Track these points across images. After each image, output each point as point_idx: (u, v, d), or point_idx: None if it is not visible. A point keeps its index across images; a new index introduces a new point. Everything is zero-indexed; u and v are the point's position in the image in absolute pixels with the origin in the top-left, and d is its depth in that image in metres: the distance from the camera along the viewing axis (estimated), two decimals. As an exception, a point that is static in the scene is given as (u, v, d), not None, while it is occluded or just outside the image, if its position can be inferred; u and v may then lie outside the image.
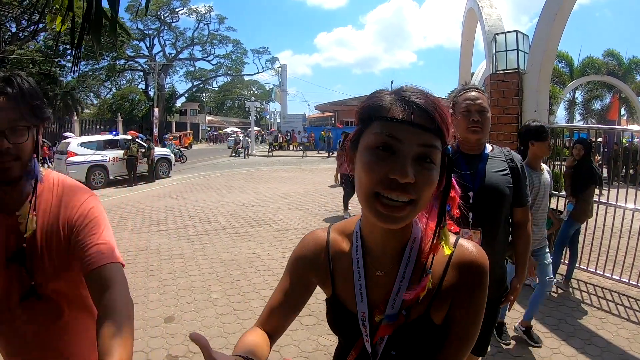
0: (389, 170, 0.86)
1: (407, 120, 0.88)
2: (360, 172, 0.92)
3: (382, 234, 1.03)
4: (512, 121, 6.10)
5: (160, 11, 50.78)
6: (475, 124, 2.26)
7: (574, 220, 5.31)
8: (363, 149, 0.93)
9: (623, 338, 4.18)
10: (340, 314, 1.11)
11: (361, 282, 1.06)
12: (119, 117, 37.28)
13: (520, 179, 2.38)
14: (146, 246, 7.18)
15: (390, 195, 0.87)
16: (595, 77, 23.34)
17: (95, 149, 15.34)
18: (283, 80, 46.12)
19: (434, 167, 0.90)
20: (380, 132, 0.90)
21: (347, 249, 1.13)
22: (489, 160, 2.34)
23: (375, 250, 1.06)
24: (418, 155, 0.88)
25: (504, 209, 2.35)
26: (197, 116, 56.71)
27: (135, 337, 3.84)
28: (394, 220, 0.89)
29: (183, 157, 27.79)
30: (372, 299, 1.05)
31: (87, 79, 46.38)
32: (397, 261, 1.04)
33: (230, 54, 58.60)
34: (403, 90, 0.94)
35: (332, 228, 1.21)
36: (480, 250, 1.05)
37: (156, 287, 5.38)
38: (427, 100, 0.91)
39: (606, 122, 24.87)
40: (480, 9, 7.40)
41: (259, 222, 9.04)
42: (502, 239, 2.39)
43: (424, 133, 0.88)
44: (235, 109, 76.78)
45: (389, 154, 0.88)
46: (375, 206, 0.89)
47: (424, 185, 0.89)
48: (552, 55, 6.20)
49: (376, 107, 0.93)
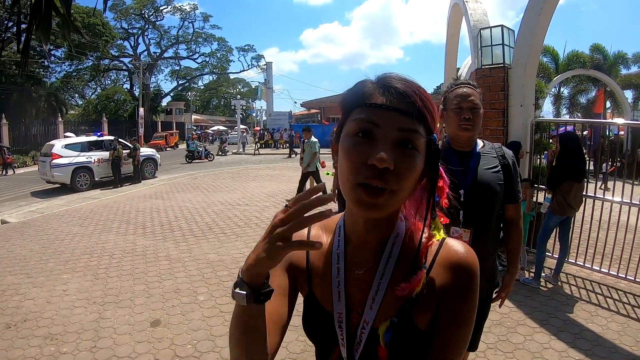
0: (367, 156, 0.83)
1: (385, 105, 0.87)
2: (341, 161, 0.89)
3: (365, 227, 0.98)
4: (498, 116, 6.10)
5: (145, 9, 50.54)
6: (467, 122, 2.23)
7: (552, 212, 5.30)
8: (343, 137, 0.91)
9: (613, 331, 4.19)
10: (317, 314, 1.05)
11: (340, 279, 1.01)
12: (104, 118, 36.96)
13: (512, 175, 2.34)
14: (132, 248, 7.08)
15: (370, 183, 0.83)
16: (581, 72, 23.44)
17: (80, 151, 15.19)
18: (269, 77, 46.25)
19: (416, 154, 0.87)
20: (359, 117, 0.88)
21: (327, 245, 1.07)
22: (480, 158, 2.31)
23: (356, 245, 1.01)
24: (398, 141, 0.86)
25: (496, 206, 2.32)
26: (183, 115, 56.44)
27: (122, 343, 3.80)
28: (374, 207, 0.85)
29: (210, 156, 27.37)
30: (351, 299, 1.00)
31: (71, 80, 46.03)
32: (378, 257, 0.99)
33: (215, 52, 58.45)
34: (385, 77, 0.92)
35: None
36: (469, 250, 0.99)
37: (142, 291, 5.30)
38: (408, 85, 0.89)
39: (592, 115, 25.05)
40: (465, 4, 7.39)
41: (246, 221, 8.99)
42: (493, 237, 2.37)
43: (403, 117, 0.86)
44: (221, 108, 76.65)
45: (368, 140, 0.86)
46: (357, 193, 0.85)
47: (405, 172, 0.85)
48: (537, 50, 6.19)
49: (357, 94, 0.92)
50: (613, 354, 3.81)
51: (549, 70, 24.14)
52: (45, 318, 4.60)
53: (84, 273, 5.94)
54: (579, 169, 5.18)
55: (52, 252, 6.99)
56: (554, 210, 5.26)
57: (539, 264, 5.31)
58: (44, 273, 5.97)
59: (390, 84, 0.89)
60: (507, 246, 2.53)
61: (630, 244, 5.75)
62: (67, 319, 4.57)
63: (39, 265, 6.31)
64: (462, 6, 7.56)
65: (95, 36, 41.17)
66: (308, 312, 1.08)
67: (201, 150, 27.01)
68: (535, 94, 6.51)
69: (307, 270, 1.08)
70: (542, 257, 5.33)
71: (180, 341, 4.08)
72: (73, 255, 6.77)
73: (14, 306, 4.93)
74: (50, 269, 6.16)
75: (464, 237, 2.21)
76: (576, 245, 5.84)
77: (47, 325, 4.43)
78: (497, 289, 2.52)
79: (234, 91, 71.22)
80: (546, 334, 4.15)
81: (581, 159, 5.28)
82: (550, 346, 3.92)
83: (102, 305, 4.89)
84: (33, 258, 6.68)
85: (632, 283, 5.29)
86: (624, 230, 5.68)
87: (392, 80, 0.90)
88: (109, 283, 5.55)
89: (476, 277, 0.96)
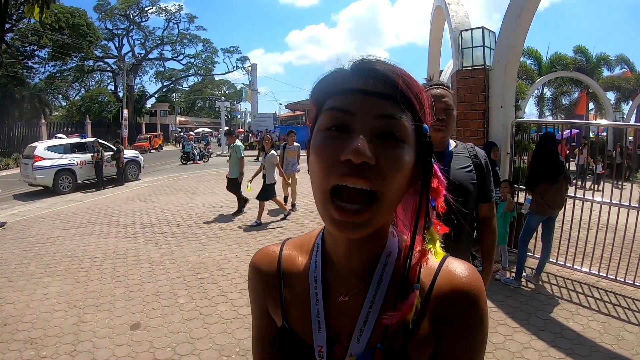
0: (341, 152, 0.68)
1: (361, 89, 0.72)
2: (312, 163, 0.75)
3: (346, 246, 0.81)
4: (478, 117, 6.15)
5: (130, 10, 50.13)
6: (440, 122, 2.22)
7: (532, 212, 5.35)
8: (314, 134, 0.76)
9: (594, 330, 4.24)
10: (294, 348, 0.88)
11: (319, 308, 0.84)
12: (88, 120, 36.58)
13: (484, 174, 2.35)
14: (113, 251, 7.01)
15: (344, 182, 0.68)
16: (564, 73, 23.74)
17: (63, 153, 15.01)
18: (253, 79, 46.19)
19: (403, 147, 0.72)
20: (331, 108, 0.74)
21: (303, 267, 0.91)
22: (453, 157, 2.31)
23: (339, 267, 0.85)
24: (380, 131, 0.70)
25: (469, 206, 2.32)
26: (168, 117, 56.09)
27: (101, 346, 3.77)
28: (352, 227, 0.70)
29: (205, 157, 26.90)
30: (333, 330, 0.83)
31: (55, 81, 45.54)
32: (366, 282, 0.82)
33: (200, 53, 58.14)
34: (361, 59, 0.76)
35: (287, 242, 1.00)
36: (473, 272, 0.81)
37: (122, 294, 5.26)
38: (388, 67, 0.74)
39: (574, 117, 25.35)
40: (447, 6, 7.43)
41: (228, 223, 8.97)
42: (467, 236, 2.37)
43: (384, 102, 0.71)
44: (206, 109, 76.18)
45: (343, 134, 0.71)
46: (328, 211, 0.71)
47: (390, 168, 0.70)
48: (518, 52, 6.25)
49: (329, 81, 0.77)
50: (594, 353, 3.84)
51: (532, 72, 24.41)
52: (25, 322, 4.55)
53: (65, 276, 5.88)
54: (553, 170, 5.18)
55: (33, 255, 6.91)
56: (533, 210, 5.30)
57: (519, 264, 5.35)
58: (25, 277, 5.91)
59: (367, 66, 0.74)
60: (481, 245, 2.53)
61: (611, 244, 5.81)
62: (47, 322, 4.53)
63: (19, 269, 6.23)
64: (444, 8, 7.60)
65: (80, 37, 40.82)
66: (284, 346, 0.91)
67: (196, 152, 26.47)
68: (516, 96, 6.56)
69: (280, 298, 0.92)
70: (522, 257, 5.38)
71: (160, 344, 4.05)
72: (54, 258, 6.70)
73: (-7, 310, 4.87)
74: (31, 272, 6.09)
75: None
76: (557, 245, 5.90)
77: (27, 329, 4.38)
78: None
79: (219, 93, 70.73)
80: (527, 333, 4.17)
81: (555, 160, 5.26)
82: (531, 346, 3.94)
83: (82, 309, 4.84)
84: (14, 262, 6.60)
85: (612, 282, 5.36)
86: (604, 229, 5.73)
87: (369, 62, 0.74)
88: (90, 286, 5.50)
89: (483, 304, 0.78)
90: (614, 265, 5.42)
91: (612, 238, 5.95)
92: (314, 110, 0.80)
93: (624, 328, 4.27)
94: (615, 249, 5.62)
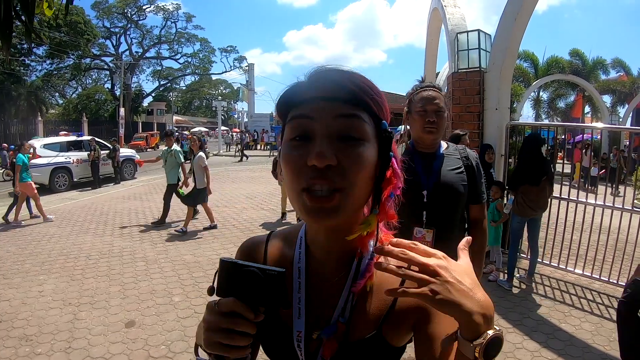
0: (306, 158, 0.75)
1: (318, 96, 0.79)
2: (283, 170, 0.81)
3: (326, 236, 0.88)
4: (473, 119, 6.18)
5: (128, 8, 50.13)
6: (431, 125, 2.25)
7: (514, 213, 5.38)
8: (282, 145, 0.83)
9: (586, 331, 4.25)
10: (277, 331, 0.95)
11: (300, 296, 0.91)
12: (84, 118, 36.50)
13: (475, 176, 2.38)
14: (109, 250, 7.02)
15: (314, 187, 0.75)
16: (560, 76, 23.80)
17: (59, 151, 14.97)
18: (250, 79, 46.28)
19: (363, 144, 0.77)
20: (292, 117, 0.81)
21: (288, 258, 0.98)
22: (444, 159, 2.34)
23: (320, 258, 0.93)
24: (339, 132, 0.76)
25: (459, 207, 2.35)
26: (165, 116, 56.00)
27: (96, 343, 3.77)
28: (324, 213, 0.75)
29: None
30: (312, 317, 0.90)
31: (52, 78, 45.45)
32: (345, 273, 0.89)
33: (197, 52, 58.20)
34: (315, 70, 0.84)
35: (273, 234, 1.08)
36: None
37: (117, 292, 5.27)
38: (342, 74, 0.80)
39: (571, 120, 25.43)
40: (444, 8, 7.45)
41: (223, 222, 8.99)
42: (457, 237, 2.37)
43: (339, 104, 0.77)
44: (203, 109, 76.16)
45: (306, 141, 0.77)
46: (302, 200, 0.77)
47: (352, 166, 0.75)
48: (513, 54, 6.28)
49: (290, 95, 0.84)
50: (586, 354, 3.86)
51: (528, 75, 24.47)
52: (21, 319, 4.56)
53: (60, 274, 5.89)
54: (535, 171, 5.15)
55: (28, 253, 6.92)
56: (515, 211, 5.32)
57: (510, 265, 5.36)
58: (20, 274, 5.91)
59: (322, 75, 0.81)
60: (471, 247, 2.53)
61: (605, 246, 5.84)
62: (42, 320, 4.54)
63: (15, 267, 6.23)
64: (441, 10, 7.62)
65: (77, 34, 40.76)
66: (267, 328, 0.95)
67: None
68: (511, 98, 6.59)
69: None
70: (513, 258, 5.38)
71: (154, 342, 4.07)
72: (50, 256, 6.71)
73: (-12, 308, 4.88)
74: (27, 270, 6.09)
75: (427, 238, 2.24)
76: (551, 247, 5.93)
77: (22, 326, 4.39)
78: None
79: (216, 92, 70.75)
80: (519, 334, 4.19)
81: (539, 162, 5.21)
82: (523, 346, 3.96)
83: (77, 307, 4.85)
84: (9, 259, 6.60)
85: (605, 283, 5.39)
86: (598, 231, 5.77)
87: (323, 72, 0.82)
88: (85, 284, 5.51)
89: None
90: (607, 267, 5.43)
91: (605, 240, 5.98)
92: (281, 122, 0.87)
93: (616, 329, 4.29)
94: (609, 251, 5.66)
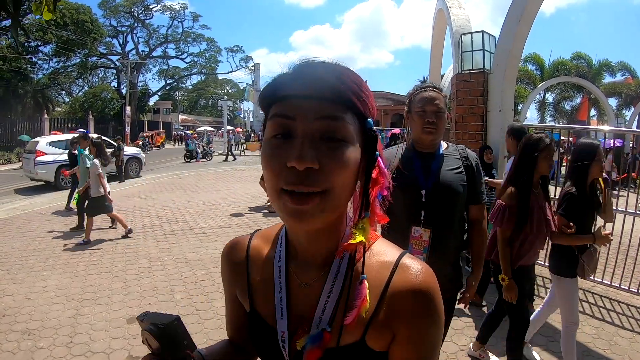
0: (286, 158, 0.72)
1: (301, 93, 0.74)
2: (263, 168, 0.78)
3: (306, 237, 0.87)
4: (477, 120, 6.18)
5: (134, 7, 50.19)
6: (430, 125, 2.25)
7: None
8: (263, 143, 0.79)
9: (587, 335, 4.22)
10: (262, 331, 0.95)
11: (282, 296, 0.90)
12: (90, 116, 36.56)
13: (474, 176, 2.37)
14: (112, 247, 7.08)
15: (293, 189, 0.72)
16: (565, 79, 23.77)
17: (64, 148, 14.97)
18: (256, 79, 46.28)
19: (346, 145, 0.75)
20: (273, 114, 0.77)
21: (270, 257, 0.97)
22: (443, 159, 2.34)
23: (301, 258, 0.91)
24: (321, 133, 0.73)
25: (457, 207, 2.35)
26: (170, 115, 56.16)
27: (97, 339, 3.80)
28: (304, 215, 0.73)
29: (209, 156, 26.74)
30: (295, 316, 0.89)
31: (58, 77, 45.55)
32: (325, 272, 0.87)
33: (204, 52, 58.14)
34: (301, 63, 0.79)
35: (256, 234, 1.07)
36: (427, 271, 0.85)
37: (120, 288, 5.31)
38: (327, 68, 0.76)
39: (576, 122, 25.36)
40: (448, 9, 7.45)
41: (227, 221, 9.00)
42: (455, 237, 2.39)
43: (321, 103, 0.74)
44: (209, 108, 76.25)
45: (287, 140, 0.74)
46: (283, 201, 0.74)
47: (334, 169, 0.73)
48: (517, 56, 6.28)
49: (272, 89, 0.79)
50: (586, 357, 3.83)
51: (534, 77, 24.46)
52: (24, 313, 4.60)
53: (64, 270, 5.93)
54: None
55: (33, 249, 6.96)
56: None
57: None
58: (24, 270, 5.95)
59: (305, 70, 0.76)
60: (471, 247, 2.54)
61: (607, 249, 5.82)
62: (45, 314, 4.57)
63: (19, 262, 6.28)
64: (446, 12, 7.62)
65: (84, 33, 40.87)
66: (253, 328, 0.98)
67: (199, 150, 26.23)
68: (516, 100, 6.59)
69: (248, 285, 0.99)
70: None
71: (156, 338, 4.08)
72: (54, 252, 6.76)
73: (-7, 301, 4.93)
74: (31, 265, 6.14)
75: (424, 237, 2.25)
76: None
77: (25, 321, 4.43)
78: (463, 290, 2.56)
79: (222, 92, 70.82)
80: (519, 336, 4.18)
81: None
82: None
83: (80, 302, 4.89)
84: (14, 255, 6.65)
85: (608, 287, 5.36)
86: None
87: (308, 65, 0.78)
88: (88, 280, 5.55)
89: (435, 301, 0.82)
90: (609, 271, 5.42)
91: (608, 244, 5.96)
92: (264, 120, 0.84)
93: (617, 333, 4.26)
94: (612, 255, 5.64)
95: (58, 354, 3.82)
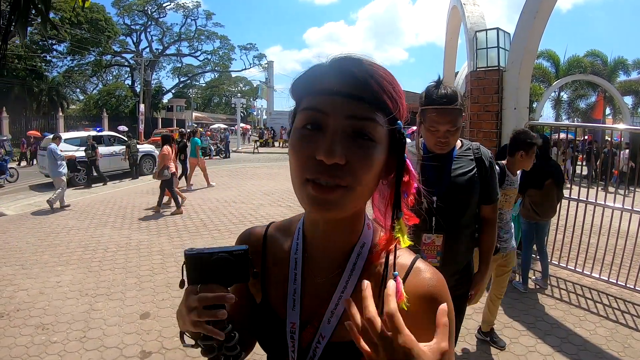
0: (315, 150, 0.73)
1: (335, 90, 0.75)
2: (290, 157, 0.79)
3: (324, 230, 0.89)
4: (491, 118, 6.13)
5: (148, 6, 50.46)
6: (442, 143, 2.18)
7: (522, 216, 5.33)
8: (293, 131, 0.81)
9: (601, 336, 4.18)
10: (270, 321, 0.95)
11: (296, 287, 0.92)
12: (105, 113, 36.84)
13: (488, 176, 2.33)
14: (126, 243, 7.11)
15: (318, 180, 0.73)
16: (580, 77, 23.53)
17: (79, 145, 15.14)
18: (270, 76, 46.19)
19: (374, 145, 0.76)
20: (306, 107, 0.78)
21: (286, 248, 0.98)
22: (456, 161, 2.28)
23: (317, 251, 0.92)
24: (351, 131, 0.75)
25: (469, 210, 2.31)
26: (184, 112, 56.30)
27: (110, 334, 3.83)
28: (326, 204, 0.74)
29: (222, 153, 26.74)
30: (307, 310, 0.90)
31: (73, 75, 45.92)
32: (341, 268, 0.89)
33: (217, 50, 58.30)
34: (338, 58, 0.79)
35: (272, 225, 1.08)
36: (438, 277, 0.86)
37: (134, 284, 5.35)
38: (363, 68, 0.76)
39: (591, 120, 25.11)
40: (463, 6, 7.41)
41: (240, 218, 9.02)
42: (467, 239, 2.36)
43: (355, 103, 0.74)
44: (222, 106, 76.36)
45: (318, 131, 0.75)
46: (306, 190, 0.75)
47: (360, 166, 0.74)
48: (532, 53, 6.22)
49: (306, 80, 0.81)
50: (600, 359, 3.80)
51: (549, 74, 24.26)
52: (38, 308, 4.65)
53: (78, 266, 5.98)
54: (539, 175, 5.00)
55: (47, 244, 7.03)
56: (522, 213, 5.27)
57: (524, 268, 5.30)
58: (39, 265, 6.02)
59: (342, 66, 0.76)
60: (480, 246, 2.52)
61: (622, 250, 5.76)
62: (58, 309, 4.62)
63: (34, 257, 6.35)
64: (460, 8, 7.58)
65: (98, 31, 41.18)
66: (261, 318, 0.98)
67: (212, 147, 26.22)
68: (530, 98, 6.53)
69: (262, 275, 1.00)
70: (526, 260, 5.32)
71: (168, 333, 4.12)
72: (68, 248, 6.81)
73: (8, 296, 4.99)
74: (45, 261, 6.20)
75: (436, 242, 2.21)
76: (567, 250, 5.86)
77: (39, 315, 4.48)
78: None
79: (235, 89, 71.00)
80: (532, 337, 4.14)
81: (544, 165, 5.01)
82: (536, 349, 3.92)
83: (93, 297, 4.93)
84: (28, 250, 6.72)
85: (623, 289, 5.29)
86: (616, 235, 5.67)
87: (345, 61, 0.77)
88: (102, 276, 5.59)
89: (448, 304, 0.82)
90: (625, 272, 5.34)
91: (623, 244, 5.90)
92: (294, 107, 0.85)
93: (631, 336, 4.22)
94: (627, 256, 5.57)
95: (71, 348, 3.85)
